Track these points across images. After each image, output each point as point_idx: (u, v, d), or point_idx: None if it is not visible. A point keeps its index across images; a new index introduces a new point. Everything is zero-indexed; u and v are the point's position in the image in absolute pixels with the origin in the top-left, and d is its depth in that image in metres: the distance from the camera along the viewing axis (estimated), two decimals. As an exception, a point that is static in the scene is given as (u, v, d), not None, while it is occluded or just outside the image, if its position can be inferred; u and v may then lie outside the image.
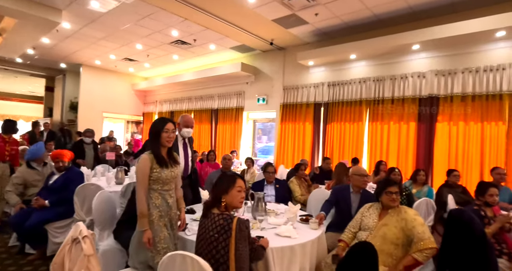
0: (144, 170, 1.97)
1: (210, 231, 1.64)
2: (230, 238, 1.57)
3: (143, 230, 1.92)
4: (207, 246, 1.63)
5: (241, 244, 1.57)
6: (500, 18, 4.26)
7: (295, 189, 4.24)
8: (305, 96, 6.99)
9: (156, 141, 2.06)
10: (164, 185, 2.04)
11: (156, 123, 2.09)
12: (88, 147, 5.40)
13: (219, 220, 1.66)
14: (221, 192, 1.77)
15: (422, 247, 1.99)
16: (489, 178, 4.58)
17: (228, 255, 1.55)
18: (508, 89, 4.54)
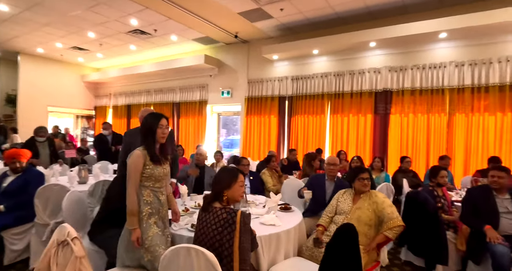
0: (137, 166, 1.90)
1: (213, 225, 1.68)
2: (235, 231, 1.62)
3: (132, 228, 1.86)
4: (208, 239, 1.66)
5: (245, 237, 1.63)
6: (442, 21, 4.79)
7: (268, 180, 4.38)
8: (269, 90, 7.14)
9: (150, 138, 1.99)
10: (156, 182, 1.99)
11: (150, 120, 2.02)
12: (42, 145, 4.93)
13: (222, 214, 1.70)
14: (224, 186, 1.80)
15: (392, 225, 2.25)
16: (433, 162, 5.20)
17: (233, 248, 1.60)
18: (449, 84, 5.16)
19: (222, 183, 1.82)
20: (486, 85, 4.86)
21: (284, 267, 2.14)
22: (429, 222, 2.98)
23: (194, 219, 2.35)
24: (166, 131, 2.04)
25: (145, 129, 2.00)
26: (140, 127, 2.03)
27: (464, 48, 5.08)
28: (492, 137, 4.84)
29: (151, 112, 2.16)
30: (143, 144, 1.99)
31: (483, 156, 4.89)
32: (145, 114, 2.95)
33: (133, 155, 1.93)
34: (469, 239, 2.90)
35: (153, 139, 1.99)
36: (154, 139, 1.99)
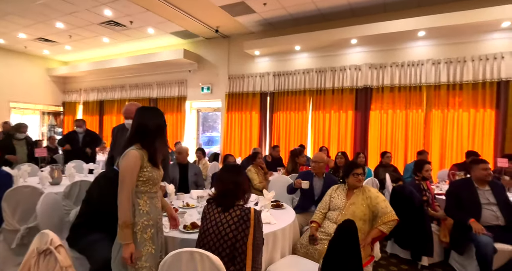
0: (134, 168, 1.64)
1: (225, 223, 1.66)
2: (250, 228, 1.60)
3: (126, 243, 1.59)
4: (219, 238, 1.64)
5: (258, 234, 1.63)
6: (421, 20, 4.94)
7: (253, 177, 4.31)
8: (251, 86, 7.05)
9: (160, 136, 1.77)
10: (154, 186, 1.76)
11: (157, 117, 1.80)
12: (19, 143, 4.54)
13: (235, 210, 1.66)
14: (247, 188, 1.84)
15: (386, 219, 2.27)
16: (412, 157, 5.40)
17: (246, 245, 1.57)
18: (426, 81, 5.35)
19: (245, 184, 1.83)
20: (460, 82, 5.09)
21: (282, 266, 2.09)
22: (415, 215, 3.06)
23: (185, 220, 2.23)
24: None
25: (151, 128, 1.74)
26: (137, 124, 1.76)
27: (440, 47, 5.28)
28: (466, 132, 5.09)
29: (151, 107, 1.93)
30: (141, 143, 1.73)
31: (457, 150, 5.14)
32: (133, 108, 2.71)
33: (128, 156, 1.66)
34: (452, 231, 3.01)
35: (157, 139, 1.76)
36: (159, 138, 1.77)
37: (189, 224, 2.08)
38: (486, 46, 4.97)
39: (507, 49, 4.80)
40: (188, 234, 1.98)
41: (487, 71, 4.92)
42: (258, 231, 1.66)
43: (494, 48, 4.90)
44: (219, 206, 1.73)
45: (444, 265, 3.14)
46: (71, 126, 10.05)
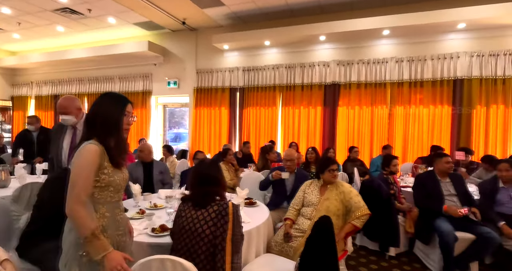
0: (91, 167, 1.30)
1: (201, 220, 1.58)
2: (228, 223, 1.53)
3: (105, 254, 1.23)
4: (195, 236, 1.54)
5: (237, 229, 1.57)
6: (385, 19, 5.11)
7: (224, 174, 4.19)
8: (220, 81, 6.89)
9: (113, 129, 1.38)
10: (116, 192, 1.41)
11: (109, 103, 1.42)
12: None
13: (212, 206, 1.57)
14: (224, 184, 1.79)
15: (359, 214, 2.29)
16: (377, 151, 5.61)
17: (226, 240, 1.51)
18: (390, 79, 5.56)
19: (224, 180, 1.78)
20: (421, 80, 5.36)
21: (257, 265, 2.02)
22: (383, 208, 3.16)
23: (154, 222, 2.08)
24: (131, 122, 1.48)
25: (105, 117, 1.38)
26: (88, 115, 1.42)
27: (403, 46, 5.52)
28: (426, 127, 5.38)
29: (113, 93, 1.52)
30: (97, 137, 1.36)
31: (418, 144, 5.43)
32: (68, 102, 2.45)
33: (85, 151, 1.30)
34: (417, 222, 3.14)
35: (119, 131, 1.41)
36: (114, 131, 1.39)
37: (158, 227, 1.93)
38: (444, 46, 5.27)
39: (462, 49, 5.13)
40: (158, 238, 1.84)
41: (444, 69, 5.23)
42: (237, 226, 1.61)
43: (451, 48, 5.21)
44: (197, 204, 1.64)
45: (409, 254, 3.28)
46: (21, 122, 9.17)
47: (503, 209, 2.97)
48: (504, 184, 3.04)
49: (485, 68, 5.01)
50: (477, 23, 4.83)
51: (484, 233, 2.69)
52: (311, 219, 2.40)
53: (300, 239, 2.32)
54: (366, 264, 3.07)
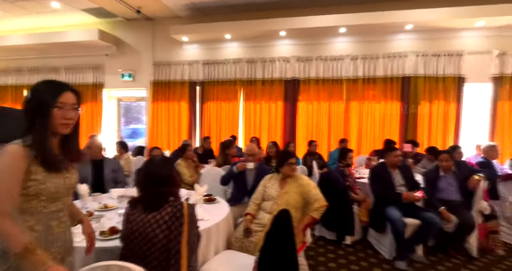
0: (12, 173, 1.07)
1: (154, 223, 1.44)
2: (184, 225, 1.41)
3: (44, 269, 1.01)
4: (148, 241, 1.42)
5: (193, 231, 1.47)
6: (342, 17, 5.29)
7: (183, 171, 4.05)
8: (179, 74, 6.64)
9: (40, 124, 1.12)
10: (51, 202, 1.16)
11: (41, 90, 1.17)
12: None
13: (166, 208, 1.44)
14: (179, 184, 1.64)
15: (317, 206, 2.35)
16: (334, 145, 5.83)
17: (181, 243, 1.40)
18: (346, 75, 5.80)
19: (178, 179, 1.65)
20: (373, 77, 5.66)
21: (216, 263, 1.98)
22: (340, 199, 3.29)
23: (103, 225, 1.92)
24: (72, 116, 1.19)
25: (30, 110, 1.14)
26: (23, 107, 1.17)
27: (358, 44, 5.78)
28: (378, 121, 5.72)
29: (48, 79, 1.25)
30: (26, 134, 1.14)
31: (371, 138, 5.75)
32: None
33: (3, 154, 1.09)
34: (371, 211, 3.32)
35: (46, 126, 1.14)
36: (42, 127, 1.13)
37: (107, 229, 1.79)
38: (394, 45, 5.62)
39: (410, 49, 5.51)
40: (106, 242, 1.70)
41: (394, 67, 5.58)
42: (193, 227, 1.51)
43: (400, 47, 5.57)
44: (148, 207, 1.49)
45: (363, 242, 3.46)
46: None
47: (443, 195, 3.26)
48: (444, 172, 3.33)
49: (429, 67, 5.44)
50: (422, 25, 5.20)
51: (428, 218, 2.92)
52: (271, 213, 2.40)
53: (260, 233, 2.32)
54: (324, 253, 3.18)
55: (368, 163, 4.63)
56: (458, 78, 5.35)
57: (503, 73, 5.17)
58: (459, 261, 3.02)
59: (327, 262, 3.00)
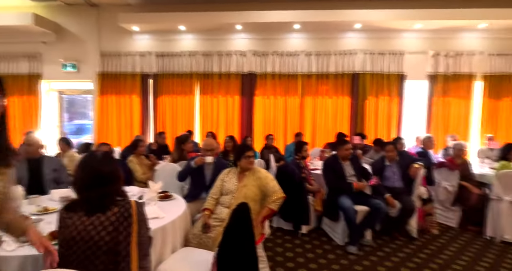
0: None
1: (99, 226, 1.29)
2: (132, 224, 1.29)
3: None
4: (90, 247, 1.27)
5: (143, 230, 1.36)
6: (296, 13, 5.39)
7: (136, 168, 3.84)
8: (130, 66, 6.25)
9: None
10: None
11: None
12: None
13: (111, 209, 1.31)
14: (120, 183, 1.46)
15: (275, 197, 2.38)
16: (290, 139, 5.99)
17: (131, 245, 1.29)
18: (301, 71, 5.96)
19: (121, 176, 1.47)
20: (326, 73, 5.91)
21: (174, 262, 1.91)
22: (296, 190, 3.39)
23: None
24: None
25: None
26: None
27: (312, 40, 5.97)
28: (330, 115, 6.00)
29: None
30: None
31: (324, 131, 6.02)
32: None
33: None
34: (325, 201, 3.48)
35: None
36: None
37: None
38: (345, 43, 5.91)
39: (358, 47, 5.84)
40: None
41: (345, 64, 5.88)
42: (143, 227, 1.41)
43: (350, 45, 5.88)
44: (92, 210, 1.34)
45: (318, 230, 3.63)
46: None
47: (389, 183, 3.54)
48: (389, 162, 3.61)
49: (375, 64, 5.83)
50: (369, 25, 5.54)
51: (375, 204, 3.15)
52: (229, 207, 2.39)
53: (219, 228, 2.29)
54: (281, 244, 3.27)
55: (321, 155, 4.83)
56: (400, 75, 5.82)
57: (437, 72, 5.75)
58: (401, 242, 3.31)
59: (285, 252, 3.08)
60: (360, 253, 3.05)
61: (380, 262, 2.89)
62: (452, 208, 3.85)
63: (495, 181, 3.40)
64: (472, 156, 5.41)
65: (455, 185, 3.79)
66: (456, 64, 5.71)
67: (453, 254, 3.06)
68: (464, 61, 5.69)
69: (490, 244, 3.31)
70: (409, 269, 2.75)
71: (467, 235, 3.56)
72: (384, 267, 2.78)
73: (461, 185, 3.77)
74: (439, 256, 3.02)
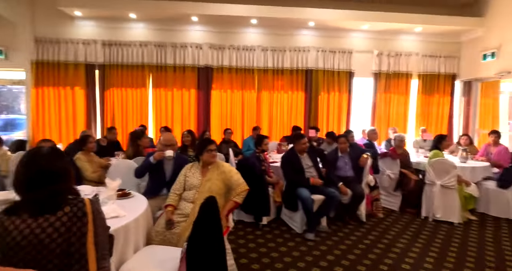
0: None
1: (48, 229, 1.15)
2: (87, 224, 1.18)
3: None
4: (40, 251, 1.14)
5: (101, 229, 1.25)
6: (253, 8, 5.41)
7: (85, 167, 3.55)
8: (71, 54, 5.68)
9: None
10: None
11: None
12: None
13: (62, 209, 1.18)
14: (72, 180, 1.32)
15: (240, 190, 2.41)
16: (247, 133, 6.06)
17: (86, 246, 1.19)
18: (257, 66, 6.03)
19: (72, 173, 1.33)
20: (282, 69, 6.07)
21: (138, 261, 1.84)
22: (257, 183, 3.46)
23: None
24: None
25: None
26: None
27: (268, 36, 6.07)
28: (286, 109, 6.20)
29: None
30: None
31: (281, 125, 6.22)
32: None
33: None
34: (284, 192, 3.62)
35: None
36: None
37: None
38: (299, 40, 6.13)
39: (312, 44, 6.10)
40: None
41: (299, 60, 6.10)
42: (100, 225, 1.31)
43: (304, 42, 6.11)
44: (39, 211, 1.20)
45: (277, 220, 3.76)
46: None
47: (341, 172, 3.81)
48: (341, 153, 3.88)
49: (326, 62, 6.15)
50: (322, 23, 5.81)
51: (330, 193, 3.37)
52: (194, 202, 2.36)
53: (184, 224, 2.26)
54: (243, 236, 3.33)
55: (279, 148, 4.99)
56: (349, 72, 6.23)
57: (381, 70, 6.28)
58: (353, 226, 3.61)
59: (247, 243, 3.15)
60: (317, 239, 3.25)
61: (335, 246, 3.11)
62: (394, 193, 4.29)
63: (428, 168, 3.86)
64: (409, 146, 6.06)
65: (396, 173, 4.23)
66: (396, 63, 6.30)
67: (396, 234, 3.43)
68: (402, 61, 6.30)
69: (425, 223, 3.78)
70: (361, 250, 3.02)
71: (407, 216, 4.01)
72: (339, 250, 3.01)
73: (401, 172, 4.22)
74: (385, 236, 3.36)
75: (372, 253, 2.97)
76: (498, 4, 5.51)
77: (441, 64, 6.37)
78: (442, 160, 3.80)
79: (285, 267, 2.67)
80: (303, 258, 2.84)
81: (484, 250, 3.07)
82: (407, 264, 2.76)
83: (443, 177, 3.72)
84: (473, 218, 3.92)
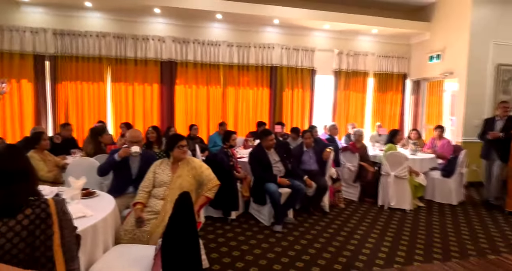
0: None
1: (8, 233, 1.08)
2: (53, 226, 1.12)
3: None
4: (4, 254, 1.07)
5: (67, 230, 1.20)
6: (218, 2, 5.34)
7: (39, 166, 3.27)
8: (17, 43, 5.16)
9: None
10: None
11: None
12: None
13: (22, 211, 1.11)
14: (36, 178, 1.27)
15: (211, 185, 2.43)
16: (213, 128, 6.03)
17: (53, 249, 1.13)
18: (223, 61, 6.00)
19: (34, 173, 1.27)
20: (247, 65, 6.11)
21: (108, 261, 1.78)
22: (226, 178, 3.48)
23: None
24: None
25: None
26: None
27: (234, 32, 6.06)
28: (251, 105, 6.27)
29: None
30: None
31: (246, 120, 6.27)
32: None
33: None
34: (252, 187, 3.69)
35: None
36: None
37: None
38: (264, 36, 6.21)
39: (277, 42, 6.22)
40: None
41: (264, 57, 6.18)
42: (67, 227, 1.25)
43: (268, 39, 6.20)
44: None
45: (245, 214, 3.83)
46: None
47: (306, 166, 3.98)
48: (306, 148, 4.05)
49: (290, 59, 6.32)
50: (286, 21, 5.94)
51: (296, 186, 3.51)
52: (164, 199, 2.32)
53: (154, 221, 2.22)
54: (213, 231, 3.34)
55: (245, 144, 5.05)
56: (312, 70, 6.47)
57: (341, 68, 6.60)
58: (317, 217, 3.80)
59: (217, 238, 3.17)
60: (284, 230, 3.37)
61: (302, 236, 3.26)
62: (354, 184, 4.59)
63: (384, 160, 4.19)
64: (366, 141, 6.48)
65: (355, 165, 4.52)
66: (354, 62, 6.67)
67: (356, 223, 3.68)
68: (360, 61, 6.69)
69: (381, 210, 4.11)
70: (325, 239, 3.20)
71: (365, 206, 4.31)
72: (305, 240, 3.16)
73: (360, 165, 4.52)
74: (347, 225, 3.60)
75: (336, 240, 3.17)
76: (443, 10, 6.08)
77: (394, 64, 6.88)
78: (395, 153, 4.15)
79: (256, 259, 2.75)
80: (272, 249, 2.94)
81: (432, 233, 3.43)
82: (367, 249, 2.99)
83: (397, 168, 4.06)
84: (421, 205, 4.33)
